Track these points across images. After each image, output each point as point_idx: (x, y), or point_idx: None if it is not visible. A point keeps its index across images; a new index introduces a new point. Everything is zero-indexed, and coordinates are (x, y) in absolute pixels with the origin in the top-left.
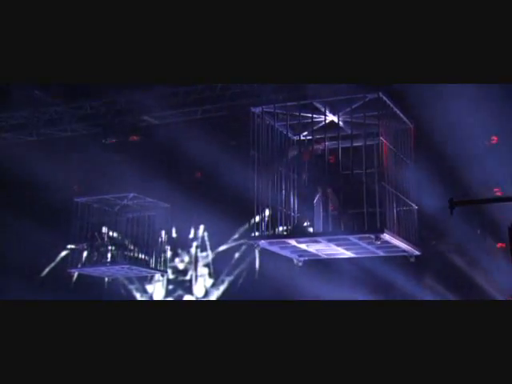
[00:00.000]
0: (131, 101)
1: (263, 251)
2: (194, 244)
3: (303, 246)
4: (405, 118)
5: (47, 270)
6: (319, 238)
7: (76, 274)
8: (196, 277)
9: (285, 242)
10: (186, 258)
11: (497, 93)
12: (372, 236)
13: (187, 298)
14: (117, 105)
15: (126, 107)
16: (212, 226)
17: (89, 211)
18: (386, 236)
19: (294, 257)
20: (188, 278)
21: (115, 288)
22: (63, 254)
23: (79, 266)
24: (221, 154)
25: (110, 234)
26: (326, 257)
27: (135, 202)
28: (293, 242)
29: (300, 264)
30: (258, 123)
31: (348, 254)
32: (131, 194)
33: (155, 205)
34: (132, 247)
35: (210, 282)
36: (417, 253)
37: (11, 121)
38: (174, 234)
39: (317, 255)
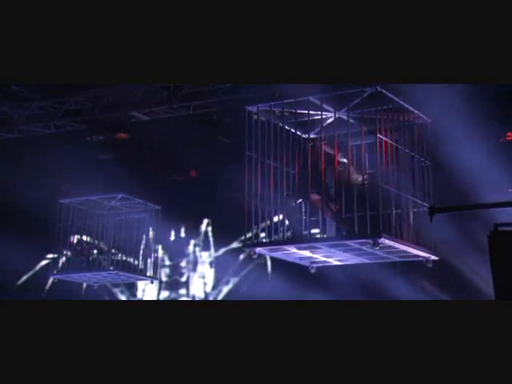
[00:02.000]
0: (119, 96)
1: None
2: (192, 242)
3: (307, 253)
4: (418, 112)
5: (25, 277)
6: (317, 244)
7: (51, 280)
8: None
9: (284, 249)
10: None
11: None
12: (370, 241)
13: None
14: (104, 100)
15: (114, 102)
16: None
17: (74, 213)
18: (386, 241)
19: (305, 263)
20: (184, 279)
21: (95, 293)
22: (43, 262)
23: (55, 272)
24: (214, 151)
25: (96, 237)
26: (338, 263)
27: (124, 204)
28: (293, 248)
29: (313, 271)
30: (254, 121)
31: (360, 260)
32: (119, 195)
33: (145, 206)
34: (119, 252)
35: (210, 283)
36: (433, 257)
37: None
38: (182, 234)
39: (328, 262)
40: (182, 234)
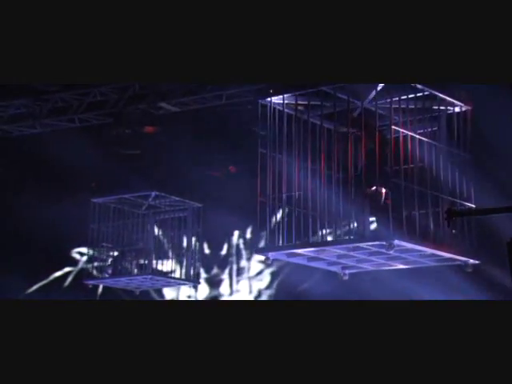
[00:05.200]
0: (146, 85)
1: None
2: (236, 233)
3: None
4: (452, 99)
5: (35, 287)
6: (330, 248)
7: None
8: (232, 275)
9: (303, 254)
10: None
11: None
12: (383, 243)
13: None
14: (130, 90)
15: (140, 93)
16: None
17: (109, 213)
18: (404, 243)
19: (336, 269)
20: (225, 276)
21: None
22: (58, 273)
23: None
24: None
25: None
26: (372, 268)
27: (160, 202)
28: (308, 253)
29: (346, 278)
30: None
31: (394, 265)
32: (153, 193)
33: (185, 204)
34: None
35: (261, 281)
36: (471, 261)
37: (10, 110)
38: (248, 235)
39: (360, 267)
40: (248, 235)
